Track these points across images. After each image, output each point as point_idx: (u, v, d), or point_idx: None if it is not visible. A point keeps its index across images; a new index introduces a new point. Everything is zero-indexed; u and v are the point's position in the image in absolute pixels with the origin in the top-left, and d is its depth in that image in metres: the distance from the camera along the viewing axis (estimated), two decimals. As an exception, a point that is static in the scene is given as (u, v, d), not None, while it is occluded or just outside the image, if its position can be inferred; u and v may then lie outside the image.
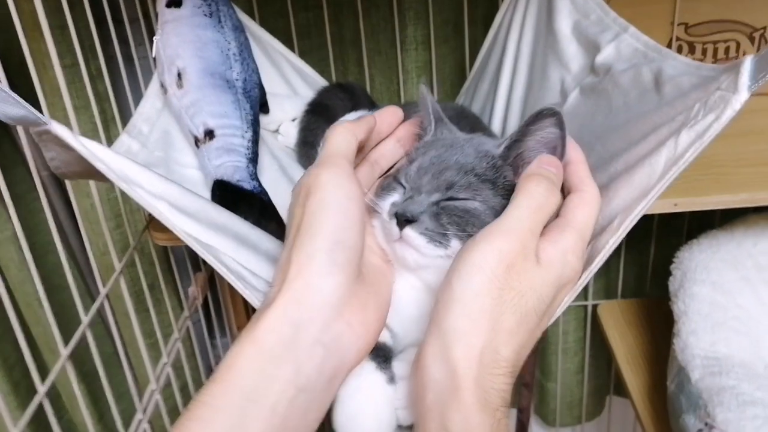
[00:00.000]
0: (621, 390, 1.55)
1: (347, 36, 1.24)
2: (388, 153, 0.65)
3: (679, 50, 1.13)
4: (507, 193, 0.55)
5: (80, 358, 0.81)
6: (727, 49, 1.14)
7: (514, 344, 0.48)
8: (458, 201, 0.55)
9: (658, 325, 1.30)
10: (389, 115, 0.65)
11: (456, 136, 0.64)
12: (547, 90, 0.87)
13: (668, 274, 1.10)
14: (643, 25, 0.76)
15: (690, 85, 0.59)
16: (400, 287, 0.60)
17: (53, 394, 0.88)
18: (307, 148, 0.98)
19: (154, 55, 0.90)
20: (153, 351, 1.25)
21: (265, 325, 0.47)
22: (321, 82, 1.12)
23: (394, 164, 0.66)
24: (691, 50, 1.15)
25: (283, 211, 0.81)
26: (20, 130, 0.77)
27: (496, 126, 1.00)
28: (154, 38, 0.90)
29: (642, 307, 1.37)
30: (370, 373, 0.55)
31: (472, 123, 0.88)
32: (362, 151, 0.62)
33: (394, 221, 0.56)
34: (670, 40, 1.12)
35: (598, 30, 0.80)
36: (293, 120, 1.03)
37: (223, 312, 1.48)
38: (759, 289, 1.10)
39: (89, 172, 0.58)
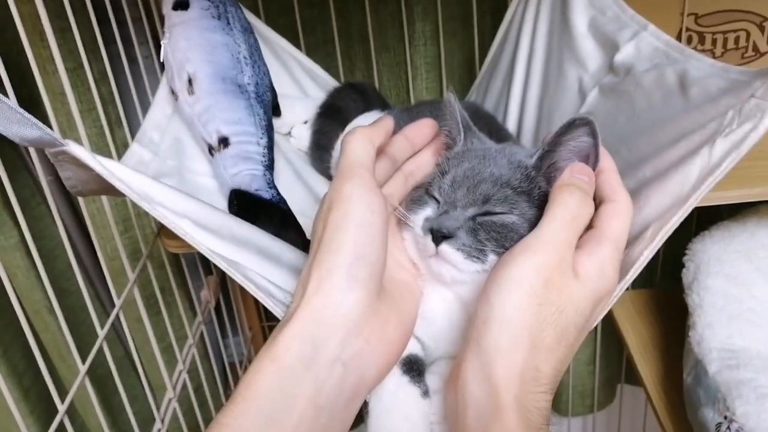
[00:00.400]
0: (632, 378, 1.55)
1: (354, 32, 1.22)
2: (425, 165, 0.63)
3: (689, 41, 1.12)
4: (541, 204, 0.54)
5: (93, 363, 0.80)
6: (737, 39, 1.13)
7: (553, 361, 0.48)
8: (495, 215, 0.55)
9: (669, 315, 1.30)
10: (424, 126, 0.64)
11: (488, 147, 0.62)
12: (564, 89, 0.85)
13: (678, 264, 1.09)
14: (652, 16, 0.75)
15: (718, 89, 0.58)
16: (431, 299, 0.59)
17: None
18: (321, 151, 0.97)
19: (162, 60, 0.89)
20: (166, 354, 1.24)
21: (284, 342, 0.46)
22: (331, 82, 1.10)
23: None
24: (701, 41, 1.14)
25: (300, 218, 0.80)
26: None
27: (510, 125, 0.99)
28: (161, 42, 0.88)
29: (652, 298, 1.37)
30: (404, 386, 0.55)
31: (488, 123, 0.87)
32: (381, 153, 0.61)
33: (429, 237, 0.55)
34: (680, 30, 1.11)
35: (616, 27, 0.79)
36: (305, 122, 1.02)
37: (235, 311, 1.48)
38: None
39: (107, 189, 0.57)
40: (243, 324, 1.52)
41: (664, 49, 0.71)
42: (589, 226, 0.53)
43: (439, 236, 0.54)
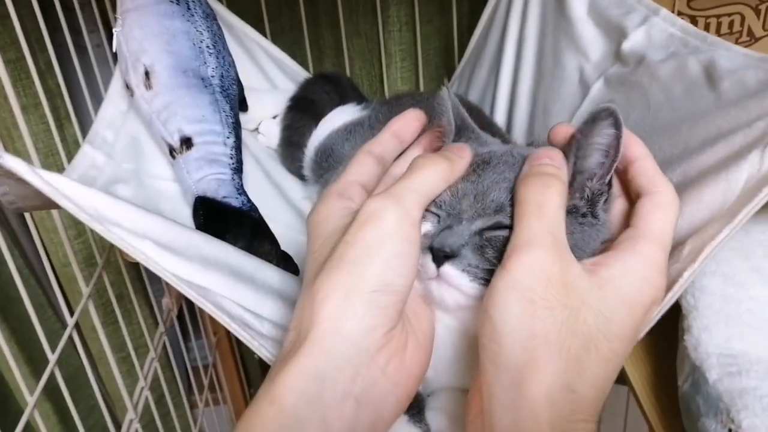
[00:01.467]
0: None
1: (323, 17, 1.16)
2: (390, 146, 0.56)
3: (680, 25, 1.06)
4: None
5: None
6: (731, 23, 1.08)
7: (589, 377, 0.42)
8: (506, 229, 0.47)
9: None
10: (412, 120, 0.56)
11: (491, 148, 0.55)
12: (562, 80, 0.79)
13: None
14: (643, -1, 0.70)
15: (758, 82, 0.53)
16: None
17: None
18: (292, 149, 0.90)
19: (115, 50, 0.79)
20: (125, 365, 1.17)
21: (285, 381, 0.41)
22: (301, 73, 1.04)
23: None
24: (693, 25, 1.08)
25: (271, 225, 0.73)
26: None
27: (499, 119, 0.93)
28: (114, 30, 0.79)
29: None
30: (403, 427, 0.50)
31: (474, 117, 0.79)
32: (365, 153, 0.55)
33: (429, 256, 0.48)
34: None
35: (621, 12, 0.73)
36: (274, 117, 0.95)
37: (198, 314, 1.40)
38: None
39: (51, 204, 0.48)
40: (207, 328, 1.44)
41: (681, 36, 0.65)
42: (627, 225, 0.47)
43: (440, 255, 0.47)
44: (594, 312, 0.42)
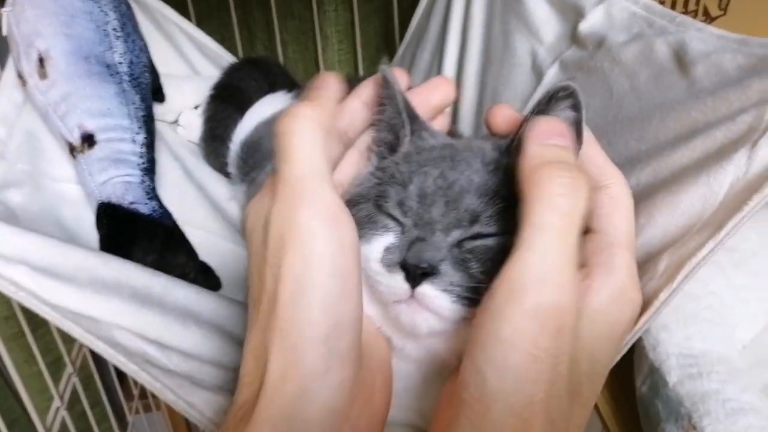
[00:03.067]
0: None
1: None
2: (358, 118, 0.47)
3: (634, 3, 1.02)
4: None
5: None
6: (686, 2, 1.05)
7: (571, 430, 0.35)
8: (489, 238, 0.41)
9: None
10: (331, 80, 0.46)
11: (450, 144, 0.47)
12: (513, 65, 0.72)
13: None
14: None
15: (738, 68, 0.46)
16: None
17: None
18: (217, 143, 0.83)
19: (5, 33, 0.70)
20: (36, 383, 1.07)
21: None
22: (227, 58, 0.97)
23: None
24: (647, 4, 1.05)
25: (193, 232, 0.66)
26: None
27: None
28: (2, 11, 0.70)
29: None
30: None
31: None
32: None
33: (400, 275, 0.40)
34: (624, -9, 1.00)
35: None
36: (196, 107, 0.88)
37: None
38: (729, 272, 1.02)
39: None
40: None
41: (645, 15, 0.59)
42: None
43: (417, 273, 0.39)
44: (587, 356, 0.36)
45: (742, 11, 0.99)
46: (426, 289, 0.40)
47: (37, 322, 1.04)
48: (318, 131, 0.39)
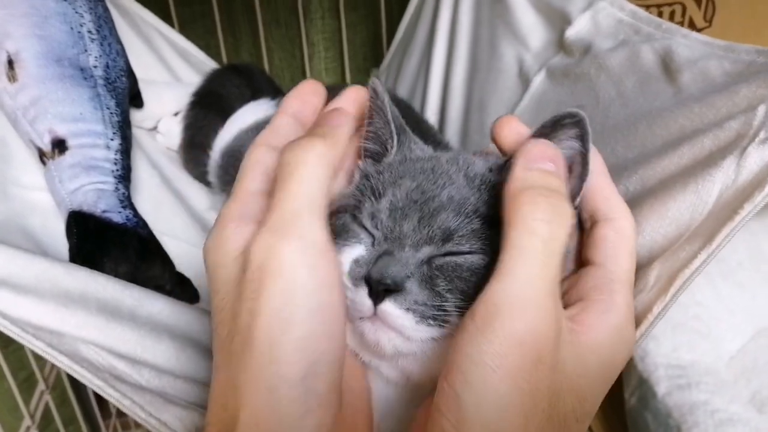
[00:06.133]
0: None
1: (237, 3, 1.08)
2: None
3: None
4: None
5: None
6: (672, 14, 1.07)
7: None
8: (460, 256, 0.39)
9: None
10: (309, 94, 0.44)
11: (434, 156, 0.46)
12: (499, 71, 0.71)
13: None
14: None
15: (725, 74, 0.46)
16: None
17: None
18: (196, 151, 0.81)
19: None
20: (6, 401, 1.04)
21: None
22: (210, 64, 0.97)
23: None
24: (632, 15, 1.05)
25: (171, 242, 0.64)
26: None
27: (430, 115, 0.86)
28: None
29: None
30: None
31: (403, 113, 0.70)
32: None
33: (364, 290, 0.38)
34: (611, 3, 1.00)
35: None
36: (175, 114, 0.87)
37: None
38: (717, 282, 1.03)
39: None
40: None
41: (630, 22, 0.59)
42: (582, 261, 0.39)
43: (380, 290, 0.37)
44: (575, 394, 0.34)
45: (728, 23, 0.99)
46: (388, 306, 0.38)
47: (7, 338, 1.02)
48: (326, 171, 0.37)
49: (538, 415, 0.32)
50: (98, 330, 0.46)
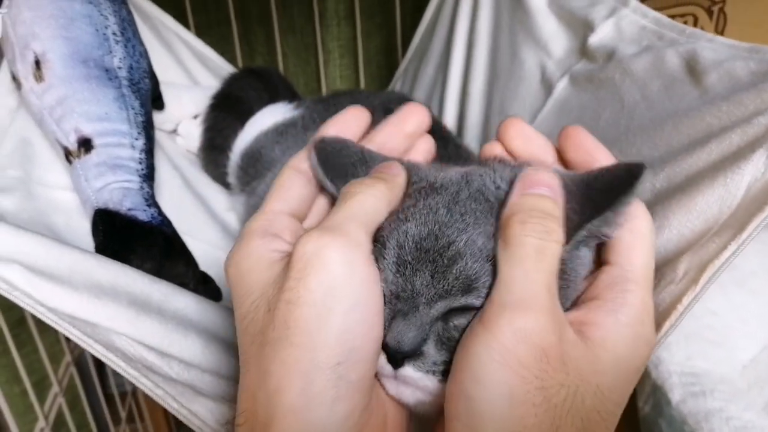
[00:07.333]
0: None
1: (253, 10, 1.08)
2: None
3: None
4: None
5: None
6: (684, 24, 1.05)
7: None
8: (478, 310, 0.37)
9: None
10: (352, 119, 0.46)
11: (448, 179, 0.41)
12: (521, 78, 0.71)
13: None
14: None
15: (751, 74, 0.47)
16: None
17: None
18: (216, 153, 0.82)
19: (0, 35, 0.69)
20: (21, 403, 1.04)
21: None
22: (227, 68, 0.97)
23: None
24: (646, 26, 1.05)
25: (190, 242, 0.64)
26: None
27: (448, 121, 0.85)
28: None
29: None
30: None
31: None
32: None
33: (382, 355, 0.38)
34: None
35: (586, 3, 0.67)
36: (195, 117, 0.87)
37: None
38: (730, 291, 1.02)
39: None
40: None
41: (654, 29, 0.60)
42: (601, 261, 0.39)
43: (398, 357, 0.37)
44: (592, 390, 0.34)
45: (739, 35, 1.00)
46: (408, 371, 0.37)
47: (22, 341, 1.01)
48: (383, 204, 0.39)
49: (551, 410, 0.33)
50: (128, 322, 0.46)
